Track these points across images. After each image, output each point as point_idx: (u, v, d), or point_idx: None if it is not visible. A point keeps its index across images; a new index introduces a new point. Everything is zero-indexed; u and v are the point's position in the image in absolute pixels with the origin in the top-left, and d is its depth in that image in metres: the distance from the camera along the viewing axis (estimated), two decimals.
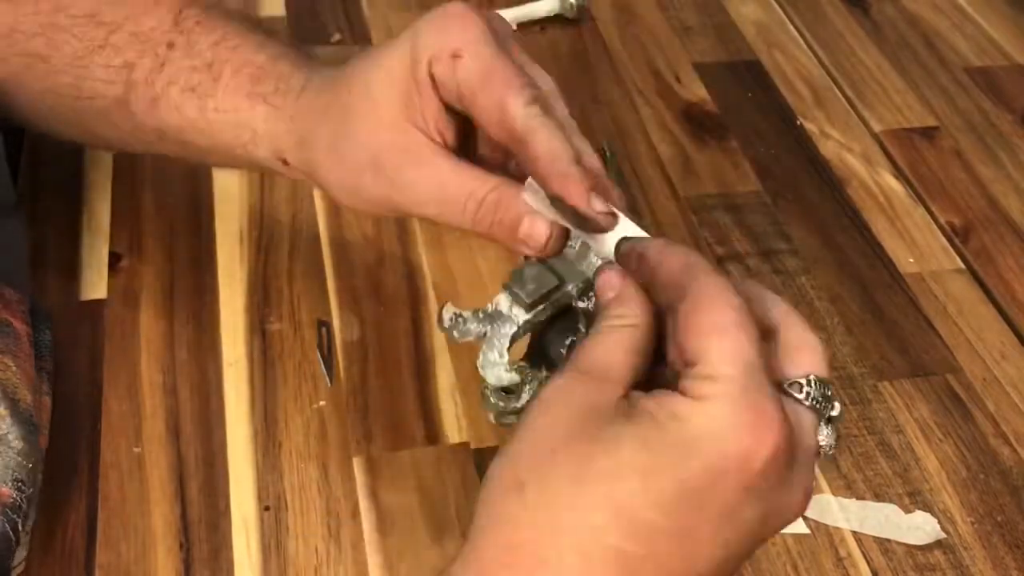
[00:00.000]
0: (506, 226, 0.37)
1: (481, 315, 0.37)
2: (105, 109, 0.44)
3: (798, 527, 0.45)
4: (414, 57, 0.38)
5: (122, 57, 0.43)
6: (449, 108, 0.38)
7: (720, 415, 0.29)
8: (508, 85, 0.36)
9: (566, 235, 0.37)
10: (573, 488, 0.29)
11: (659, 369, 0.34)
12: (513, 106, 0.36)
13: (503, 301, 0.37)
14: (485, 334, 0.37)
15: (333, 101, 0.41)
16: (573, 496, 0.29)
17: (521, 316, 0.36)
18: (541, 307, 0.37)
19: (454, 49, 0.37)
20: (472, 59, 0.37)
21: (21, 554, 0.39)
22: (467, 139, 0.40)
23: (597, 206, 0.35)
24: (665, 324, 0.34)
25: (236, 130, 0.43)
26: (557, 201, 0.36)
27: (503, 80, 0.36)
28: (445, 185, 0.38)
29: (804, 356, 0.33)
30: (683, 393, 0.30)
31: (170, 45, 0.43)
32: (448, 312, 0.37)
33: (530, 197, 0.37)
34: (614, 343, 0.33)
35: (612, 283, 0.35)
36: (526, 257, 0.38)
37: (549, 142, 0.35)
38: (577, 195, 0.35)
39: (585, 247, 0.37)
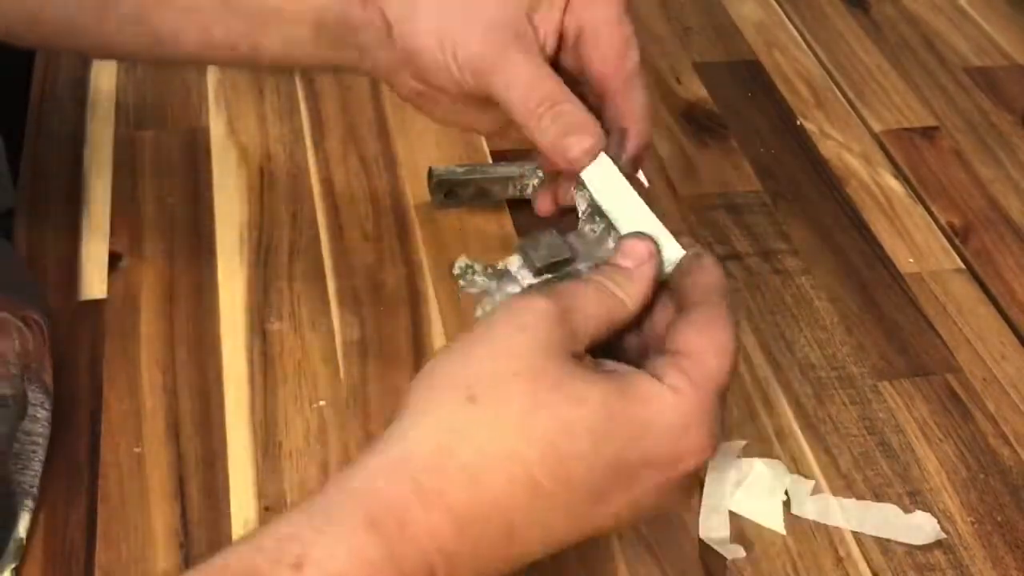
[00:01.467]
0: (560, 130, 0.40)
1: (490, 271, 0.38)
2: None
3: (776, 525, 0.45)
4: None
5: None
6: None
7: (680, 415, 0.32)
8: (631, 38, 0.43)
9: (595, 154, 0.40)
10: (523, 419, 0.31)
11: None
12: (632, 57, 0.43)
13: (514, 261, 0.38)
14: (488, 291, 0.38)
15: None
16: (521, 426, 0.31)
17: (527, 279, 0.38)
18: (548, 276, 0.38)
19: None
20: (608, 5, 0.43)
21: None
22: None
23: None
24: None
25: None
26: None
27: (628, 33, 0.43)
28: (536, 79, 0.41)
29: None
30: (656, 375, 0.32)
31: None
32: (461, 262, 0.38)
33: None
34: (605, 309, 0.35)
35: (637, 253, 0.37)
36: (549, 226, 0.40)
37: (645, 96, 0.43)
38: (644, 143, 0.42)
39: (606, 232, 0.39)
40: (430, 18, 0.42)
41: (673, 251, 0.38)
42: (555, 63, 0.43)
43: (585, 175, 0.40)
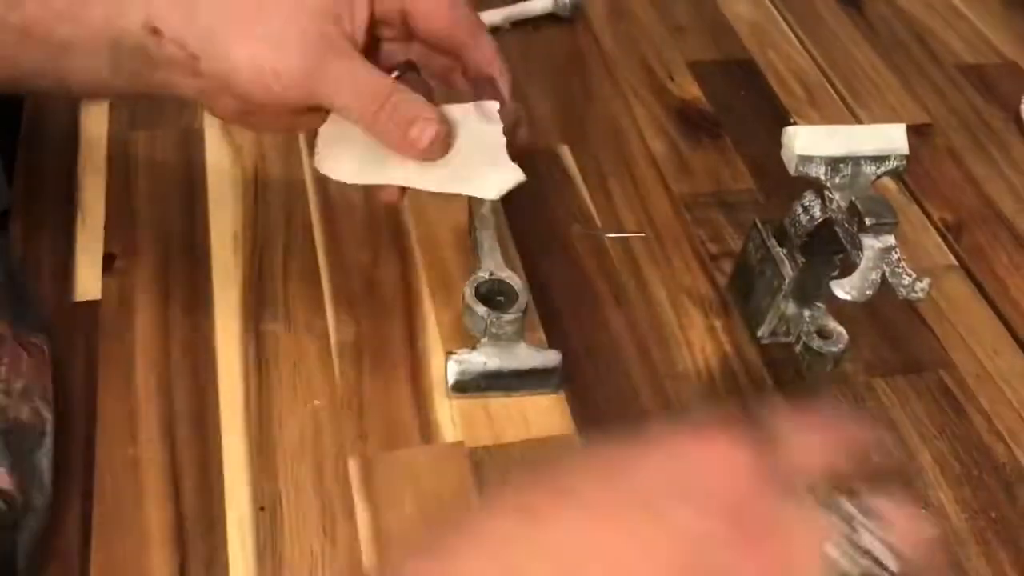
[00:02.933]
0: (400, 125, 0.42)
1: None
2: None
3: None
4: None
5: None
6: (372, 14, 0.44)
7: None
8: None
9: (447, 143, 0.43)
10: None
11: None
12: (462, 9, 0.45)
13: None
14: None
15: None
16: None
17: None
18: None
19: None
20: None
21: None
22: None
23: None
24: None
25: (103, 5, 0.41)
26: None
27: None
28: (361, 80, 0.42)
29: None
30: None
31: None
32: None
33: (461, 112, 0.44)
34: None
35: None
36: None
37: (491, 39, 0.46)
38: (510, 80, 0.46)
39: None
40: (238, 45, 0.41)
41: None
42: (377, 50, 0.46)
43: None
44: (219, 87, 0.42)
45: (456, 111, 0.44)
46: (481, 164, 0.43)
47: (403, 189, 0.45)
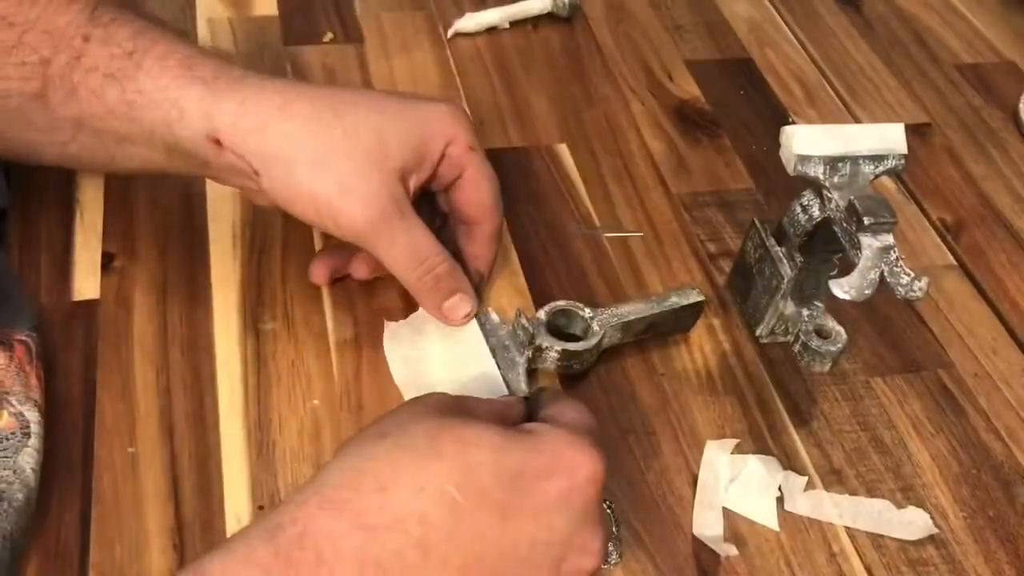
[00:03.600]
0: (442, 293, 0.47)
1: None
2: (20, 107, 0.43)
3: (770, 521, 0.45)
4: (433, 129, 0.46)
5: (37, 54, 0.42)
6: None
7: (562, 435, 0.35)
8: (495, 183, 0.49)
9: (473, 315, 0.49)
10: (429, 441, 0.34)
11: None
12: (497, 199, 0.49)
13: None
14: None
15: (316, 111, 0.43)
16: (427, 447, 0.33)
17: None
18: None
19: (471, 140, 0.47)
20: (481, 154, 0.48)
21: None
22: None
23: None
24: None
25: (161, 109, 0.42)
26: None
27: (493, 178, 0.49)
28: (416, 243, 0.46)
29: None
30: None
31: (86, 38, 0.43)
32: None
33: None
34: (496, 411, 0.39)
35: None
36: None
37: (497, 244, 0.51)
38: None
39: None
40: (305, 179, 0.43)
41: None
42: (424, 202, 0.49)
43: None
44: (274, 204, 0.45)
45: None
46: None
47: None
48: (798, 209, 0.49)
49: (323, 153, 0.43)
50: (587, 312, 0.49)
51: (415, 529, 0.32)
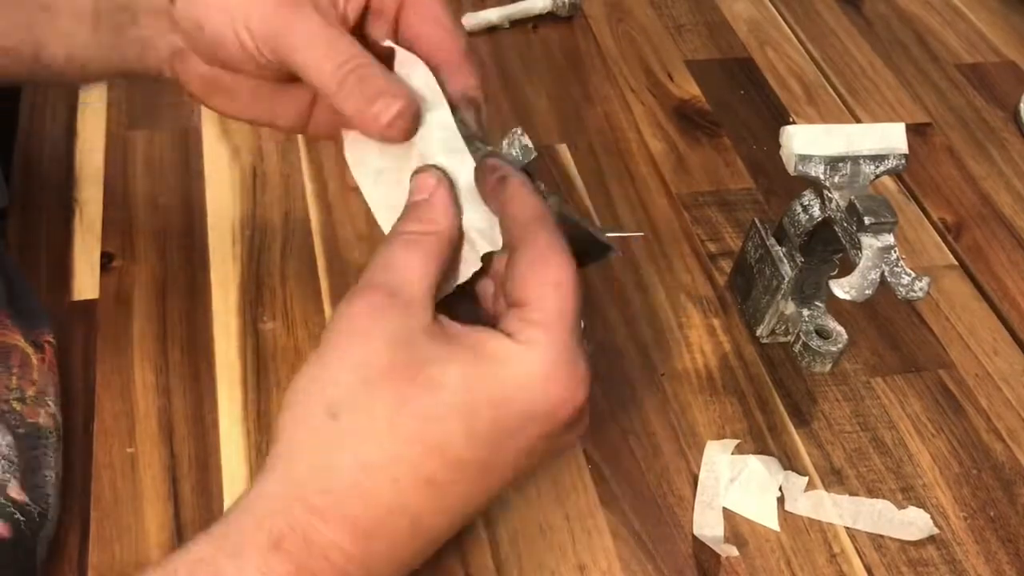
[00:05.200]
0: (366, 96, 0.37)
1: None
2: None
3: (770, 522, 0.45)
4: None
5: None
6: None
7: (541, 363, 0.32)
8: (447, 16, 0.41)
9: (414, 125, 0.38)
10: (391, 422, 0.31)
11: (465, 303, 0.36)
12: (456, 31, 0.40)
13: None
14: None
15: None
16: (391, 430, 0.31)
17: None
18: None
19: None
20: None
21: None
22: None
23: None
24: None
25: None
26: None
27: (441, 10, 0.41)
28: (333, 43, 0.38)
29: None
30: (507, 333, 0.32)
31: None
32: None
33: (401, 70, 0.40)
34: (423, 255, 0.34)
35: (426, 185, 0.36)
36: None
37: (477, 72, 0.40)
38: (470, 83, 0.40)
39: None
40: None
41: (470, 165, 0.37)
42: (362, 36, 0.41)
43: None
44: (191, 41, 0.40)
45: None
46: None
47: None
48: (798, 209, 0.49)
49: None
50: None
51: (401, 520, 0.32)
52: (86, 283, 0.51)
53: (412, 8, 0.41)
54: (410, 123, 0.38)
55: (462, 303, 0.36)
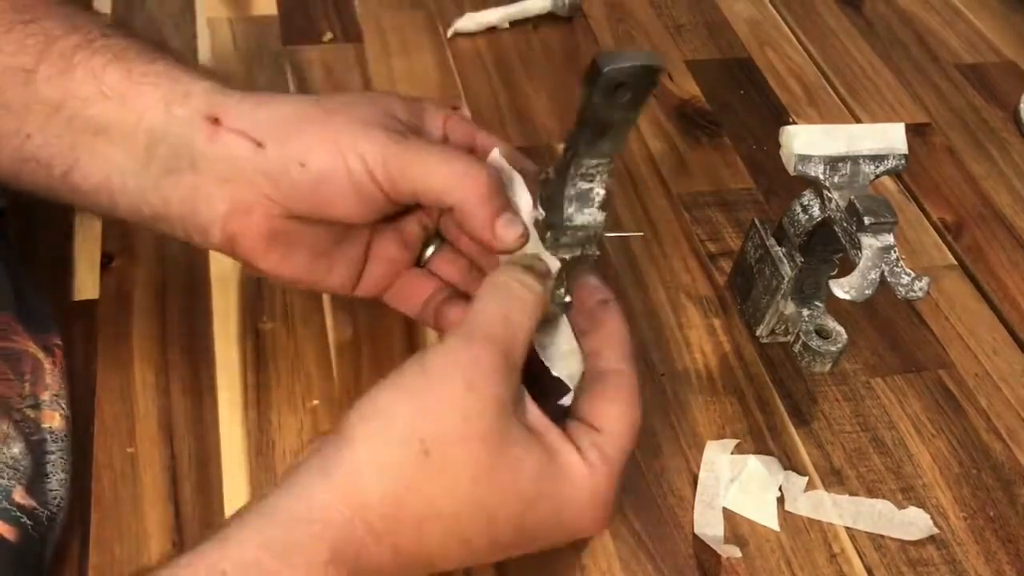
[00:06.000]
0: (492, 207, 0.39)
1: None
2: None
3: (770, 522, 0.45)
4: (425, 106, 0.43)
5: (46, 35, 0.39)
6: None
7: (594, 492, 0.36)
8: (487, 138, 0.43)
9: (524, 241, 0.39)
10: (473, 482, 0.34)
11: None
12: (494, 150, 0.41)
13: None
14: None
15: (308, 105, 0.40)
16: (467, 493, 0.34)
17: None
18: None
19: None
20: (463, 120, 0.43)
21: None
22: None
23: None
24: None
25: (163, 89, 0.39)
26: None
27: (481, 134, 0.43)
28: (455, 158, 0.39)
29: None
30: (577, 445, 0.36)
31: (106, 34, 0.40)
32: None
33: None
34: (527, 320, 0.36)
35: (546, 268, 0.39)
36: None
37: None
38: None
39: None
40: (316, 127, 0.38)
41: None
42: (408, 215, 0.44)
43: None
44: (283, 187, 0.38)
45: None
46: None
47: None
48: (798, 209, 0.49)
49: (333, 107, 0.39)
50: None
51: (429, 559, 0.35)
52: (86, 283, 0.51)
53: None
54: (527, 238, 0.39)
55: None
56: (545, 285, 0.38)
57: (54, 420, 0.42)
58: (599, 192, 0.38)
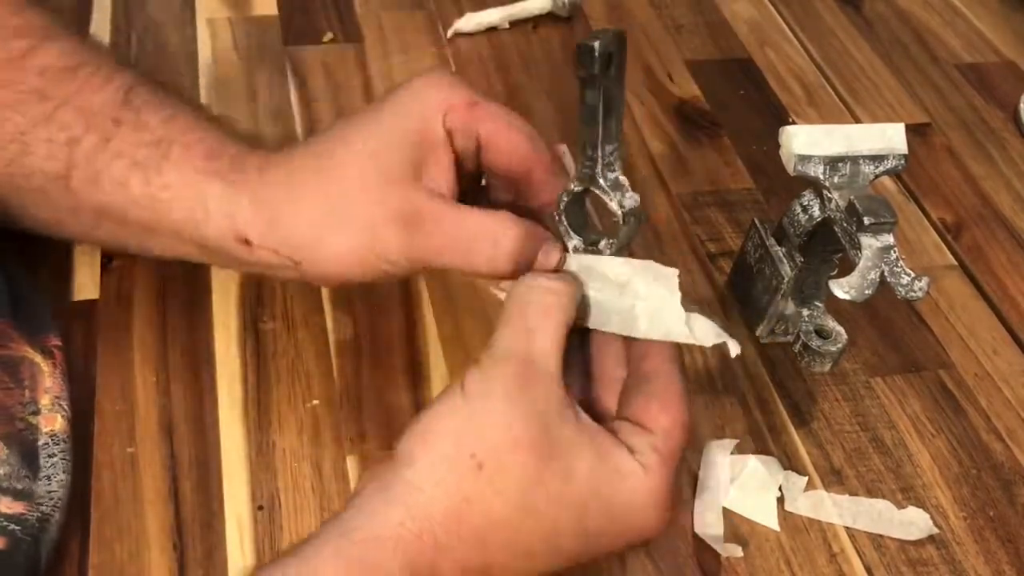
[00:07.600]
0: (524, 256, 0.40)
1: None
2: (43, 187, 0.42)
3: (770, 521, 0.45)
4: (424, 115, 0.41)
5: (67, 132, 0.41)
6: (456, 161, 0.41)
7: (652, 492, 0.36)
8: (521, 123, 0.42)
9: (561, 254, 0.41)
10: (524, 494, 0.34)
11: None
12: (534, 138, 0.42)
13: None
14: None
15: (316, 173, 0.41)
16: (522, 501, 0.34)
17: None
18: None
19: (469, 97, 0.41)
20: (489, 103, 0.42)
21: None
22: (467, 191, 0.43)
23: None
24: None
25: (186, 207, 0.41)
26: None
27: (515, 119, 0.42)
28: (473, 231, 0.40)
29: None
30: (628, 446, 0.36)
31: (117, 122, 0.42)
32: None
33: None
34: (553, 328, 0.37)
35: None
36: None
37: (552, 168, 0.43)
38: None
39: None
40: (334, 244, 0.40)
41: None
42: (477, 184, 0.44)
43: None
44: (292, 268, 0.42)
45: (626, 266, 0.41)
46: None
47: None
48: (798, 209, 0.49)
49: (330, 215, 0.41)
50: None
51: (490, 570, 0.35)
52: (86, 283, 0.51)
53: (491, 139, 0.42)
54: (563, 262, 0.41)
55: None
56: (568, 280, 0.38)
57: (55, 423, 0.42)
58: (623, 178, 0.41)
